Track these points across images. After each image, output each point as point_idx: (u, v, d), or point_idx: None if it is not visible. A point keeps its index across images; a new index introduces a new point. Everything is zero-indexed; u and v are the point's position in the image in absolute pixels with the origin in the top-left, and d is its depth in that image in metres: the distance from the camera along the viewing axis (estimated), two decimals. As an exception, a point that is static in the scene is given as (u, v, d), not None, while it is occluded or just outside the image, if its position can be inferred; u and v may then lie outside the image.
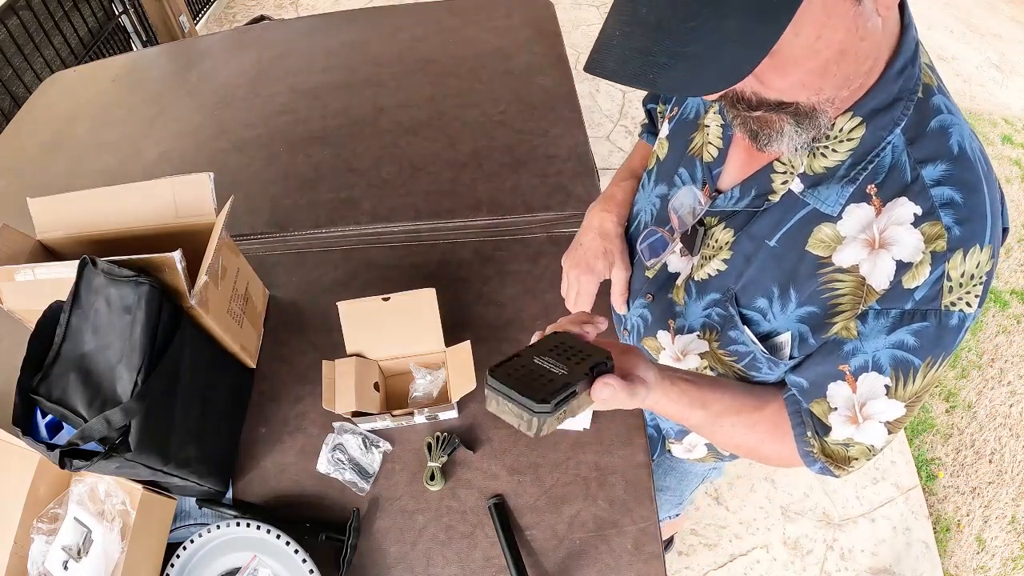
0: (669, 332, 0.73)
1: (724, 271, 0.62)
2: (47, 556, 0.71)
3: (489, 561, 0.77)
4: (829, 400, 0.58)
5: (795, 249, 0.56)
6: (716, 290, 0.64)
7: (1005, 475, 1.78)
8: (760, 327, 0.61)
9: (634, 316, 0.79)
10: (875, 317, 0.52)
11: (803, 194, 0.54)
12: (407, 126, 1.27)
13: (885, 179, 0.50)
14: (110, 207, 0.84)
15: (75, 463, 0.62)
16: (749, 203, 0.59)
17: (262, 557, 0.75)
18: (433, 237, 1.07)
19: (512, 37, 1.44)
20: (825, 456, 0.60)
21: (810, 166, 0.54)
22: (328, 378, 0.80)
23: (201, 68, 1.50)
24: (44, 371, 0.67)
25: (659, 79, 0.40)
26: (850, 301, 0.54)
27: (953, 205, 0.48)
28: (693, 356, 0.71)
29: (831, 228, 0.53)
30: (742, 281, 0.61)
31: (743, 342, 0.63)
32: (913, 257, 0.49)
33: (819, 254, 0.55)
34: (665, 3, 0.39)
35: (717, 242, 0.63)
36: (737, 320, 0.62)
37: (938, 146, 0.49)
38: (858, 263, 0.52)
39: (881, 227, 0.50)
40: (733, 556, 1.64)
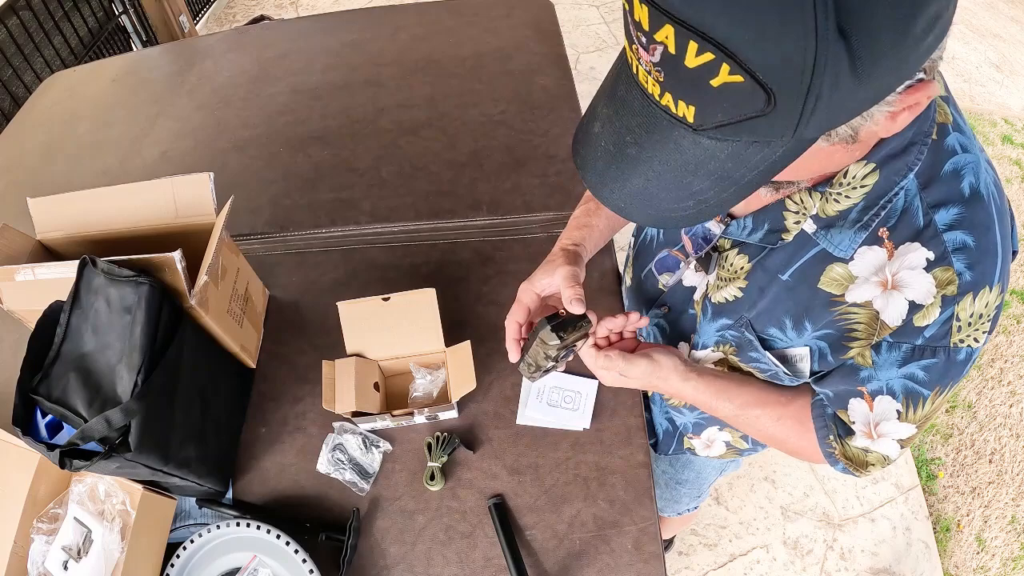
0: (688, 344, 0.74)
1: (740, 299, 0.63)
2: (47, 556, 0.71)
3: (489, 561, 0.77)
4: (850, 413, 0.60)
5: (808, 285, 0.56)
6: (730, 316, 0.65)
7: (1005, 475, 1.78)
8: (777, 345, 0.63)
9: (650, 324, 0.81)
10: (888, 349, 0.54)
11: (815, 235, 0.55)
12: (407, 126, 1.27)
13: (897, 223, 0.50)
14: (110, 207, 0.84)
15: (75, 463, 0.62)
16: (762, 237, 0.59)
17: (262, 557, 0.75)
18: (433, 237, 1.07)
19: (512, 37, 1.44)
20: (846, 459, 0.63)
21: (823, 209, 0.53)
22: (328, 378, 0.80)
23: (201, 68, 1.50)
24: (44, 371, 0.67)
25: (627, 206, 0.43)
26: (865, 330, 0.55)
27: (965, 249, 0.49)
28: (708, 366, 0.73)
29: (843, 268, 0.54)
30: (756, 310, 0.62)
31: (766, 363, 0.64)
32: (924, 300, 0.50)
33: (832, 291, 0.55)
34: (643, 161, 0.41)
35: (733, 267, 0.63)
36: (757, 344, 0.63)
37: (951, 190, 0.49)
38: (872, 299, 0.53)
39: (894, 270, 0.51)
40: (733, 556, 1.64)
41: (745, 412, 0.66)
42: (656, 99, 0.38)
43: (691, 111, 0.36)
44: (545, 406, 0.86)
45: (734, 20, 0.31)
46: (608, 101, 0.43)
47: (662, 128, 0.39)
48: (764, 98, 0.33)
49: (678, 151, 0.39)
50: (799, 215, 0.55)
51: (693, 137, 0.38)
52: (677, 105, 0.37)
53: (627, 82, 0.41)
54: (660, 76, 0.36)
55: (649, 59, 0.36)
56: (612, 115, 0.42)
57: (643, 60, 0.37)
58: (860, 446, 0.61)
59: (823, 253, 0.55)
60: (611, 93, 0.43)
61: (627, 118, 0.41)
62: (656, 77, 0.36)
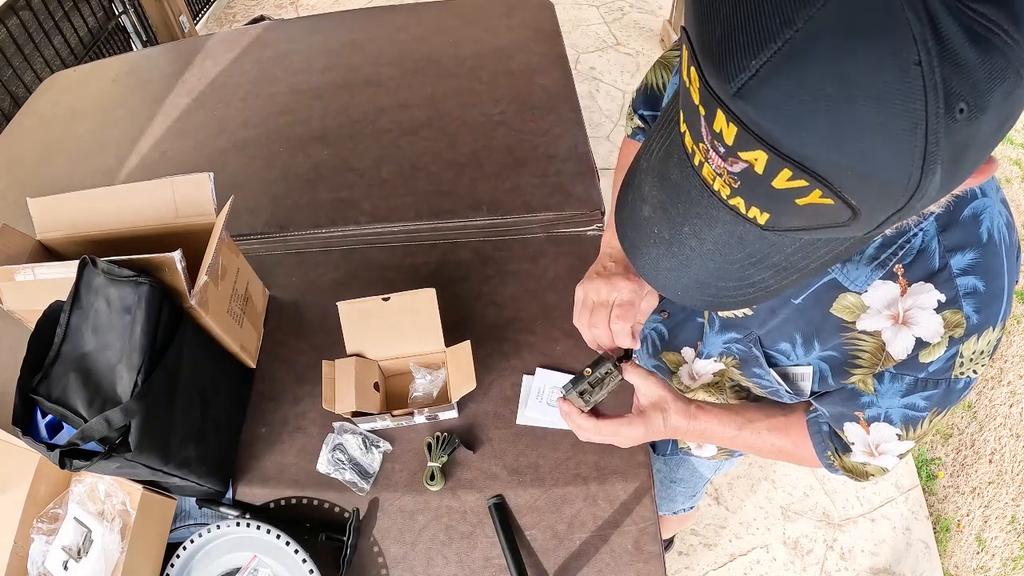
0: (693, 350, 0.74)
1: (750, 316, 0.63)
2: (47, 556, 0.71)
3: (489, 561, 0.77)
4: (847, 434, 0.61)
5: (819, 310, 0.56)
6: (738, 330, 0.65)
7: (1005, 475, 1.78)
8: (782, 363, 0.63)
9: (647, 329, 0.80)
10: (891, 379, 0.55)
11: (832, 269, 0.54)
12: (407, 126, 1.27)
13: (913, 262, 0.51)
14: (110, 207, 0.84)
15: (75, 463, 0.62)
16: None
17: (262, 557, 0.75)
18: (433, 237, 1.07)
19: (512, 37, 1.44)
20: (844, 469, 0.65)
21: None
22: (328, 378, 0.80)
23: (201, 68, 1.49)
24: (44, 371, 0.67)
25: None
26: (869, 359, 0.55)
27: (975, 294, 0.49)
28: (707, 376, 0.74)
29: (855, 297, 0.54)
30: (766, 328, 0.62)
31: (768, 380, 0.65)
32: (932, 339, 0.51)
33: (843, 318, 0.55)
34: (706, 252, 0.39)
35: None
36: (762, 361, 0.63)
37: (969, 235, 0.49)
38: (881, 330, 0.54)
39: (906, 307, 0.52)
40: (733, 556, 1.64)
41: (754, 425, 0.66)
42: (723, 198, 0.36)
43: (764, 216, 0.35)
44: (545, 406, 0.86)
45: (841, 155, 0.29)
46: (659, 184, 0.40)
47: (725, 223, 0.37)
48: (850, 214, 0.32)
49: (741, 245, 0.37)
50: None
51: (760, 233, 0.36)
52: (749, 209, 0.35)
53: (682, 168, 0.38)
54: (735, 183, 0.34)
55: (724, 166, 0.34)
56: (666, 201, 0.40)
57: (713, 162, 0.34)
58: (859, 461, 0.62)
59: (835, 282, 0.54)
60: (662, 174, 0.40)
61: (684, 207, 0.39)
62: (729, 182, 0.34)
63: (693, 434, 0.64)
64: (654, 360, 0.82)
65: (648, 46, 2.99)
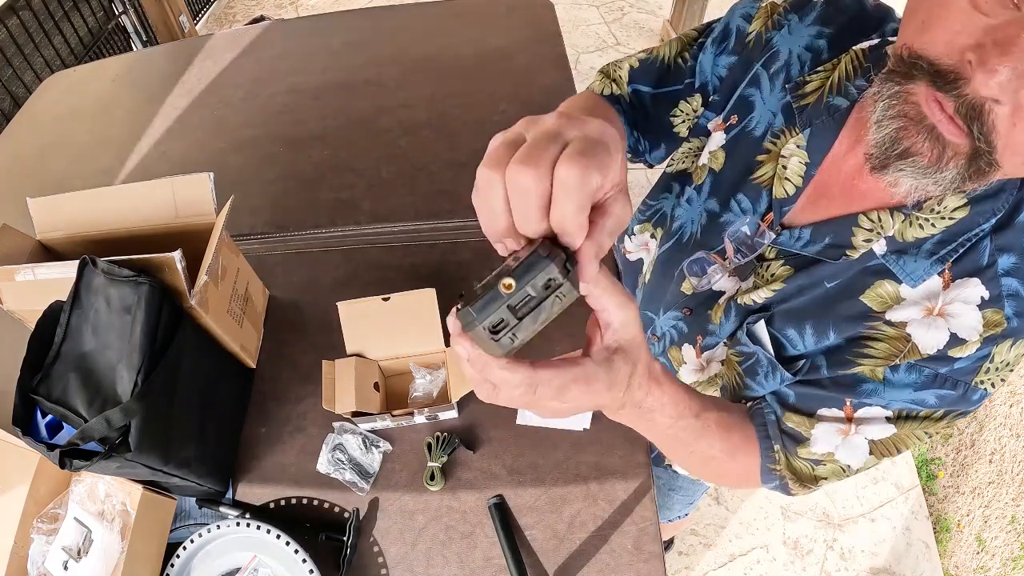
0: (695, 348, 0.71)
1: (770, 298, 0.60)
2: (47, 556, 0.71)
3: (489, 561, 0.77)
4: (817, 420, 0.57)
5: (850, 295, 0.55)
6: (755, 311, 0.62)
7: (1005, 475, 1.78)
8: (785, 351, 0.60)
9: (667, 325, 0.76)
10: (907, 370, 0.52)
11: (884, 257, 0.52)
12: (407, 126, 1.27)
13: (961, 257, 0.50)
14: (110, 207, 0.83)
15: (75, 463, 0.62)
16: (821, 250, 0.56)
17: (262, 557, 0.75)
18: (433, 237, 1.07)
19: (512, 37, 1.44)
20: (790, 472, 0.59)
21: (901, 232, 0.51)
22: (328, 378, 0.80)
23: (201, 68, 1.49)
24: (44, 371, 0.67)
25: None
26: (885, 351, 0.53)
27: (1017, 297, 0.49)
28: (716, 364, 0.71)
29: (893, 287, 0.52)
30: (785, 307, 0.59)
31: (757, 344, 0.61)
32: (968, 336, 0.49)
33: (872, 307, 0.54)
34: None
35: (773, 276, 0.60)
36: (763, 326, 0.60)
37: (1019, 240, 0.49)
38: (907, 322, 0.52)
39: (947, 300, 0.50)
40: (733, 556, 1.64)
41: (701, 419, 0.52)
42: None
43: None
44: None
45: None
46: None
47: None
48: None
49: None
50: (872, 233, 0.52)
51: None
52: None
53: None
54: None
55: None
56: None
57: None
58: (819, 453, 0.57)
59: (879, 268, 0.53)
60: None
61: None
62: None
63: (641, 410, 0.44)
64: (662, 358, 0.78)
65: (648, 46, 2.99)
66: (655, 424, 0.47)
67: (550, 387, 0.36)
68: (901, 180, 0.44)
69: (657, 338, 0.79)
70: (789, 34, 0.59)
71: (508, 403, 0.38)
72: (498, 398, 0.37)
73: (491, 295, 0.32)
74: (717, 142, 0.65)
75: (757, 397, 0.63)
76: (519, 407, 0.41)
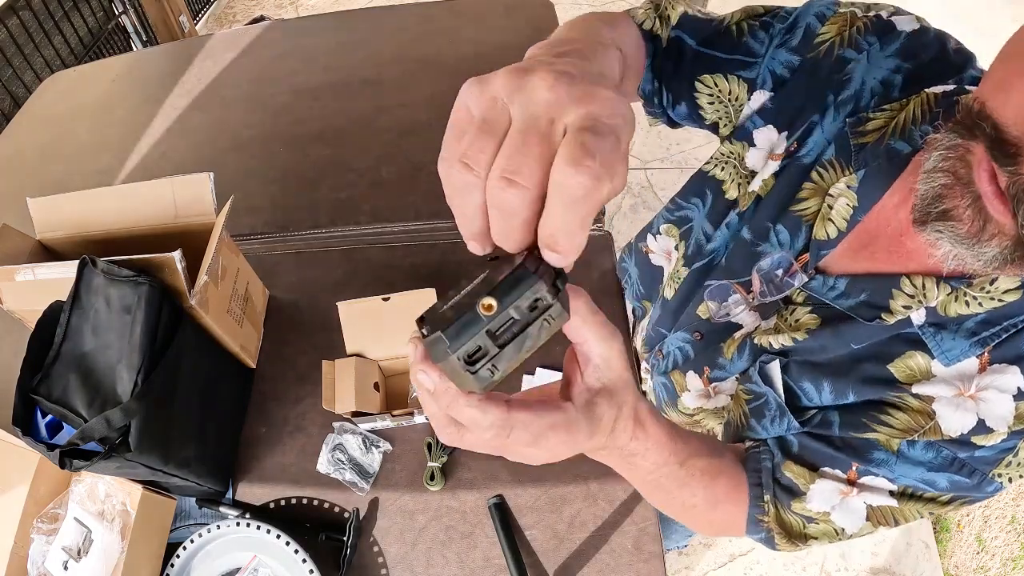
0: (702, 379, 0.67)
1: (790, 347, 0.56)
2: (47, 556, 0.71)
3: (489, 561, 0.77)
4: (817, 478, 0.53)
5: (877, 362, 0.51)
6: (768, 355, 0.58)
7: (1005, 475, 1.78)
8: (798, 401, 0.56)
9: (673, 345, 0.71)
10: (925, 448, 0.49)
11: (921, 329, 0.48)
12: (407, 126, 1.27)
13: (1003, 343, 0.46)
14: (110, 207, 0.83)
15: (75, 463, 0.62)
16: (853, 307, 0.51)
17: (262, 557, 0.75)
18: (433, 237, 1.07)
19: (512, 37, 1.44)
20: (779, 525, 0.56)
21: (944, 306, 0.47)
22: (328, 378, 0.80)
23: (201, 68, 1.49)
24: (44, 371, 0.67)
25: None
26: (905, 423, 0.50)
27: None
28: (724, 396, 0.67)
29: (925, 360, 0.48)
30: (804, 358, 0.55)
31: (767, 386, 0.57)
32: (996, 425, 0.46)
33: (899, 377, 0.50)
34: None
35: (798, 321, 0.56)
36: (778, 388, 0.56)
37: None
38: (935, 398, 0.48)
39: (982, 385, 0.47)
40: (733, 556, 1.64)
41: (686, 467, 0.48)
42: None
43: None
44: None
45: None
46: None
47: None
48: None
49: None
50: (914, 301, 0.48)
51: None
52: None
53: None
54: None
55: None
56: None
57: None
58: (814, 511, 0.53)
59: (913, 338, 0.49)
60: None
61: None
62: None
63: (623, 453, 0.41)
64: (663, 378, 0.74)
65: (648, 46, 2.98)
66: (636, 468, 0.43)
67: (526, 432, 0.31)
68: (940, 243, 0.41)
69: (662, 355, 0.75)
70: (868, 62, 0.52)
71: (473, 447, 0.33)
72: (463, 440, 0.32)
73: (467, 317, 0.26)
74: (771, 170, 0.58)
75: (759, 439, 0.59)
76: (486, 451, 0.33)
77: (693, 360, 0.68)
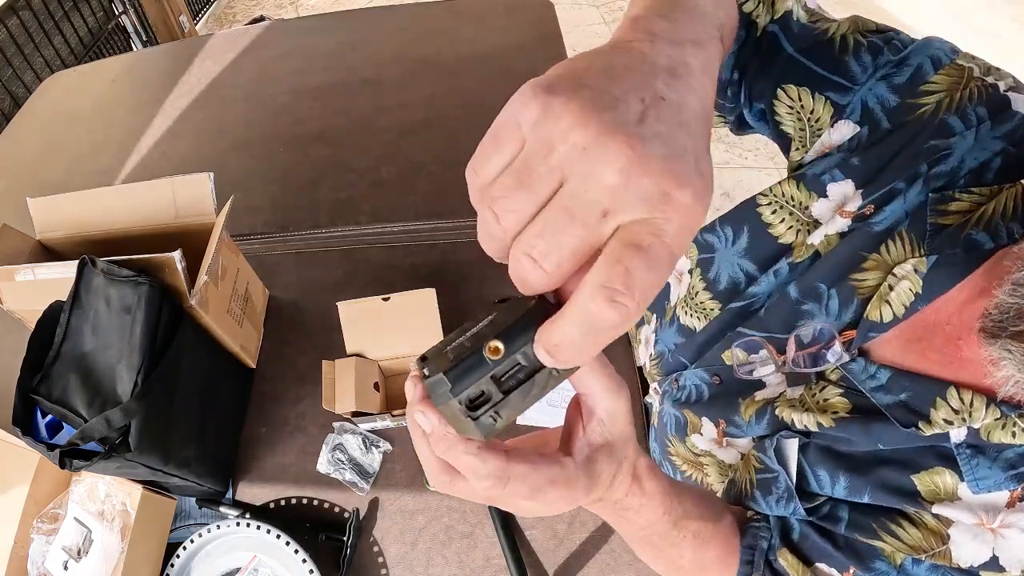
0: (717, 430, 0.63)
1: (813, 431, 0.52)
2: (47, 556, 0.71)
3: (489, 561, 0.77)
4: (815, 567, 0.51)
5: (901, 467, 0.47)
6: (787, 430, 0.54)
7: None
8: (808, 487, 0.52)
9: (691, 381, 0.66)
10: (930, 571, 0.47)
11: (957, 448, 0.44)
12: (407, 126, 1.27)
13: None
14: (110, 207, 0.84)
15: (75, 463, 0.62)
16: (889, 405, 0.46)
17: (262, 557, 0.75)
18: (433, 237, 1.07)
19: (512, 37, 1.44)
20: None
21: (988, 431, 0.43)
22: (328, 378, 0.80)
23: (201, 68, 1.49)
24: (44, 371, 0.67)
25: None
26: (916, 540, 0.47)
27: None
28: (735, 452, 0.62)
29: (953, 480, 0.45)
30: (826, 444, 0.51)
31: (781, 465, 0.54)
32: (1010, 566, 0.43)
33: (922, 492, 0.46)
34: None
35: (826, 401, 0.51)
36: (792, 469, 0.53)
37: None
38: (954, 522, 0.45)
39: (1005, 522, 0.43)
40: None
41: (679, 528, 0.46)
42: None
43: None
44: (545, 406, 0.86)
45: None
46: None
47: None
48: None
49: None
50: (957, 417, 0.43)
51: None
52: None
53: None
54: None
55: None
56: None
57: None
58: None
59: (946, 454, 0.45)
60: None
61: None
62: None
63: (617, 507, 0.39)
64: (676, 410, 0.69)
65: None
66: (629, 523, 0.42)
67: (524, 484, 0.30)
68: (1005, 364, 0.38)
69: (678, 385, 0.69)
70: (974, 141, 0.47)
71: (466, 495, 0.31)
72: (454, 488, 0.31)
73: (472, 360, 0.25)
74: (838, 227, 0.53)
75: (762, 513, 0.56)
76: (479, 500, 0.32)
77: (708, 403, 0.64)
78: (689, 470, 0.69)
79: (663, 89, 0.24)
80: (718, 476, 0.64)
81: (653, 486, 0.40)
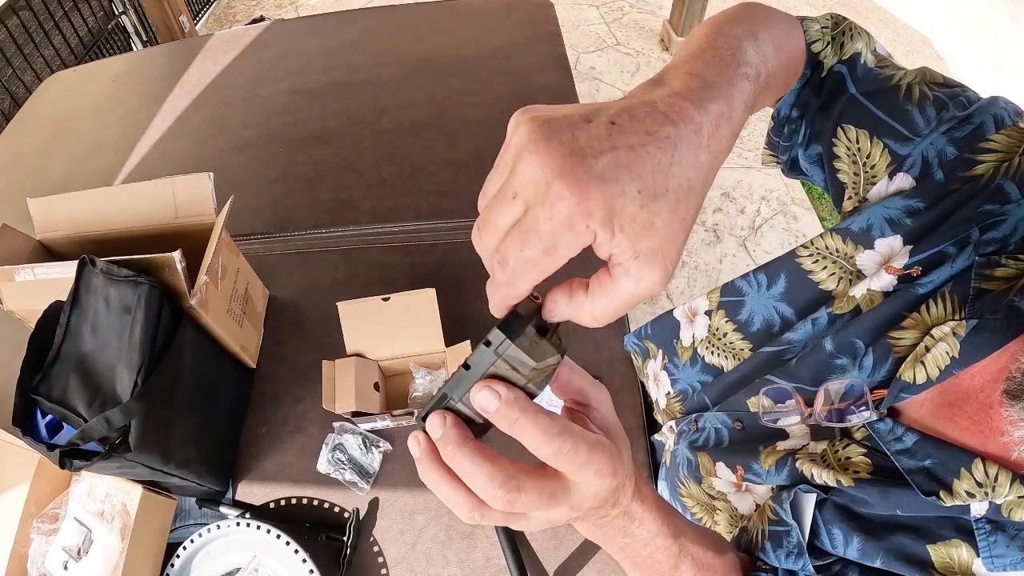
0: (736, 475, 0.62)
1: (834, 488, 0.51)
2: (47, 556, 0.71)
3: (489, 561, 0.77)
4: None
5: (916, 537, 0.46)
6: (806, 485, 0.53)
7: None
8: (820, 543, 0.52)
9: (711, 424, 0.65)
10: None
11: (977, 523, 0.44)
12: (407, 126, 1.27)
13: None
14: (110, 207, 0.84)
15: (75, 463, 0.62)
16: (911, 470, 0.46)
17: (262, 557, 0.75)
18: (433, 237, 1.07)
19: (512, 37, 1.44)
20: None
21: (1010, 508, 0.42)
22: (328, 378, 0.80)
23: (201, 68, 1.49)
24: (44, 371, 0.67)
25: None
26: None
27: None
28: (752, 501, 0.61)
29: (969, 556, 0.44)
30: (843, 502, 0.51)
31: (795, 520, 0.53)
32: None
33: (935, 563, 0.45)
34: None
35: (848, 461, 0.51)
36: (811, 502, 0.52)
37: None
38: None
39: None
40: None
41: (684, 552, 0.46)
42: None
43: None
44: (545, 405, 0.86)
45: None
46: None
47: None
48: None
49: None
50: (980, 491, 0.42)
51: None
52: None
53: None
54: None
55: None
56: None
57: None
58: None
59: (964, 526, 0.44)
60: None
61: None
62: None
63: (625, 520, 0.41)
64: (689, 452, 0.68)
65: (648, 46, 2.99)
66: (632, 538, 0.42)
67: (533, 489, 0.36)
68: (1022, 423, 0.38)
69: (696, 427, 0.68)
70: None
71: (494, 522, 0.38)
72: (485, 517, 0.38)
73: (519, 308, 0.34)
74: (883, 284, 0.52)
75: (770, 565, 0.55)
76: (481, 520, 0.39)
77: (727, 449, 0.63)
78: (700, 512, 0.68)
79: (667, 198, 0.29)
80: (728, 525, 0.64)
81: (649, 491, 0.41)
